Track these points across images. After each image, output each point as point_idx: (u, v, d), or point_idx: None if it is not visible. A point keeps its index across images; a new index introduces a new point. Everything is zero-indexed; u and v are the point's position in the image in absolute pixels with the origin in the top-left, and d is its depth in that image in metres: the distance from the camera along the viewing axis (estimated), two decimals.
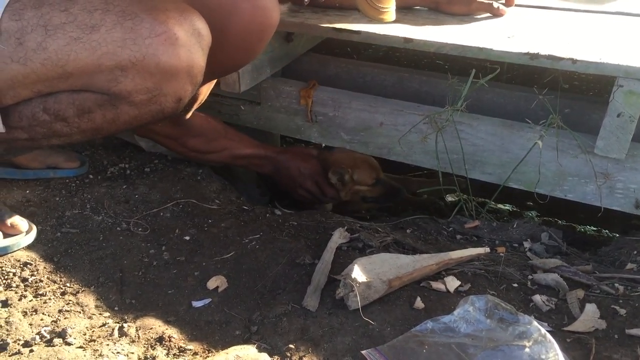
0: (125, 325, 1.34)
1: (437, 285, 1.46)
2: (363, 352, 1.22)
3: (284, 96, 2.19)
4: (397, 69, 2.36)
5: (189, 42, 1.32)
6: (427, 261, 1.51)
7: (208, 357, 1.26)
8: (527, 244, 1.71)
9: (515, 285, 1.48)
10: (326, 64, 2.41)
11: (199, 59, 1.35)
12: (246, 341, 1.30)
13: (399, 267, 1.47)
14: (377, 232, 1.70)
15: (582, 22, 2.10)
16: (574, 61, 1.64)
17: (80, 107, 1.38)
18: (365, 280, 1.38)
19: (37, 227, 1.62)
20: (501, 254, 1.63)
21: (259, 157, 2.13)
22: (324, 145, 2.36)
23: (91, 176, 1.92)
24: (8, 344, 1.27)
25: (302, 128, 2.19)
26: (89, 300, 1.42)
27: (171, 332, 1.33)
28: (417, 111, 1.98)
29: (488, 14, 2.14)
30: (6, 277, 1.46)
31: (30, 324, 1.33)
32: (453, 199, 2.82)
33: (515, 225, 1.82)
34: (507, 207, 2.62)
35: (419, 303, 1.38)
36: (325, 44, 2.51)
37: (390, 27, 1.93)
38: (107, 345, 1.28)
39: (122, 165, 2.00)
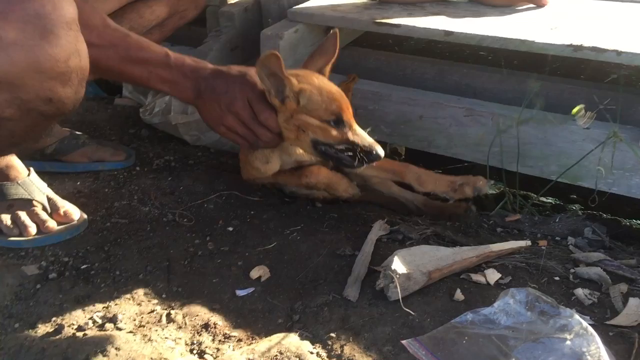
0: (172, 312, 1.39)
1: (477, 277, 1.46)
2: (403, 341, 1.24)
3: None
4: (438, 61, 2.36)
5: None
6: (467, 253, 1.52)
7: (252, 344, 1.29)
8: (570, 239, 1.69)
9: (557, 278, 1.47)
10: (366, 57, 2.42)
11: None
12: (288, 329, 1.33)
13: (439, 259, 1.48)
14: (417, 224, 1.71)
15: (627, 13, 2.05)
16: (618, 53, 1.62)
17: None
18: (406, 272, 1.39)
19: (87, 217, 1.69)
20: (543, 247, 1.62)
21: (167, 67, 1.51)
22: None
23: (138, 168, 1.98)
24: (63, 327, 1.33)
25: None
26: (137, 287, 1.47)
27: (216, 319, 1.37)
28: (458, 104, 1.98)
29: (530, 5, 2.11)
30: (60, 264, 1.53)
31: (83, 310, 1.39)
32: (494, 192, 2.80)
33: (557, 220, 1.80)
34: (550, 200, 2.59)
35: (458, 295, 1.39)
36: (366, 37, 2.52)
37: (430, 19, 1.93)
38: (156, 330, 1.33)
39: (167, 158, 2.06)
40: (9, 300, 1.41)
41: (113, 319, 1.36)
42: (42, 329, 1.34)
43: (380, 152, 1.51)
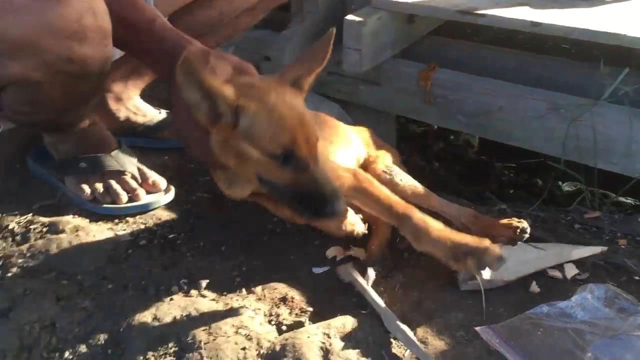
0: (252, 284, 1.46)
1: (553, 272, 1.45)
2: (477, 328, 1.25)
3: (403, 77, 2.22)
4: (519, 53, 2.32)
5: None
6: (549, 260, 1.46)
7: (327, 319, 1.34)
8: None
9: (637, 278, 1.44)
10: (447, 47, 2.42)
11: None
12: (363, 308, 1.37)
13: (523, 263, 1.42)
14: None
15: None
16: None
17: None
18: (487, 278, 1.35)
19: (174, 189, 1.78)
20: (622, 247, 1.59)
21: (148, 33, 1.36)
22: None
23: None
24: (152, 290, 1.43)
25: (420, 109, 2.22)
26: (220, 259, 1.55)
27: (293, 294, 1.43)
28: (539, 96, 1.95)
29: None
30: (150, 232, 1.63)
31: (170, 276, 1.48)
32: (570, 189, 2.74)
33: (639, 219, 1.76)
34: (630, 200, 2.51)
35: (534, 287, 1.39)
36: (446, 26, 2.50)
37: (516, 10, 1.91)
38: (237, 300, 1.41)
39: None
40: (102, 262, 1.52)
41: (197, 286, 1.44)
42: (133, 291, 1.44)
43: (339, 208, 1.20)
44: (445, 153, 3.32)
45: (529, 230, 1.47)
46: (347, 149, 1.68)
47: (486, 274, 1.35)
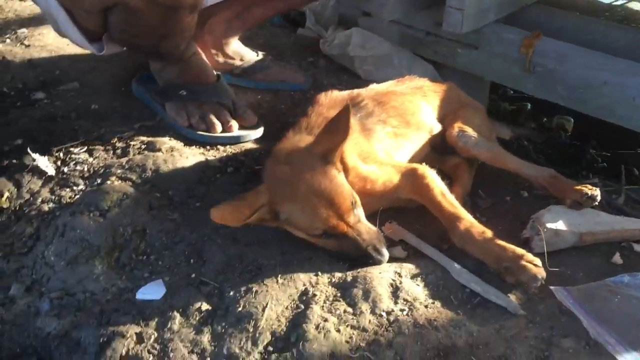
0: None
1: (639, 248, 1.41)
2: (552, 287, 1.24)
3: (504, 43, 2.16)
4: (631, 29, 2.20)
5: None
6: (630, 225, 1.46)
7: (400, 264, 1.36)
8: None
9: None
10: (553, 17, 2.32)
11: None
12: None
13: (596, 224, 1.43)
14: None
15: None
16: None
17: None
18: (554, 228, 1.37)
19: (264, 127, 1.84)
20: None
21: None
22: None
23: (312, 92, 2.10)
24: None
25: (517, 77, 2.16)
26: None
27: None
28: None
29: None
30: (237, 162, 1.70)
31: None
32: None
33: None
34: None
35: (617, 258, 1.35)
36: None
37: None
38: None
39: (340, 87, 2.15)
40: (192, 182, 1.60)
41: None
42: None
43: (381, 257, 1.32)
44: (534, 130, 3.22)
45: (598, 198, 1.43)
46: (416, 135, 1.67)
47: (551, 223, 1.36)
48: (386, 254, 1.33)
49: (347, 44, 2.26)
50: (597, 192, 1.43)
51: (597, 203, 1.43)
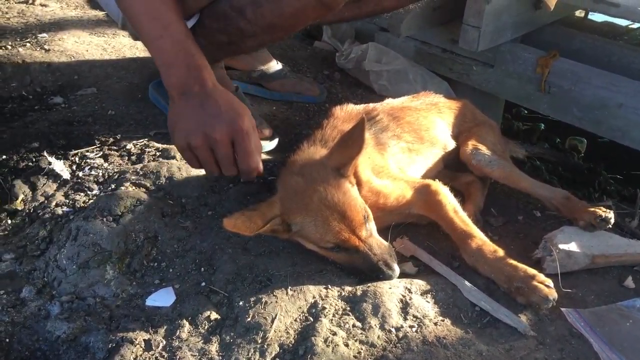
0: None
1: None
2: (563, 309, 1.23)
3: (520, 62, 2.17)
4: None
5: None
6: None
7: (411, 280, 1.36)
8: None
9: None
10: (571, 38, 2.33)
11: None
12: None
13: (609, 246, 1.42)
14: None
15: None
16: None
17: (253, 1, 1.49)
18: (567, 249, 1.37)
19: (278, 138, 1.85)
20: None
21: (178, 42, 1.40)
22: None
23: (327, 105, 2.11)
24: None
25: (531, 97, 2.16)
26: None
27: None
28: None
29: None
30: None
31: None
32: None
33: None
34: None
35: (629, 282, 1.34)
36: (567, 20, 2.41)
37: None
38: None
39: (354, 101, 2.17)
40: (205, 191, 1.61)
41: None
42: None
43: (392, 273, 1.31)
44: (548, 150, 3.21)
45: (612, 221, 1.43)
46: (429, 151, 1.67)
47: (564, 244, 1.36)
48: (397, 269, 1.33)
49: (362, 58, 2.27)
50: (610, 215, 1.42)
51: (610, 225, 1.43)
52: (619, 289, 1.33)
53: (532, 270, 1.28)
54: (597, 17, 2.79)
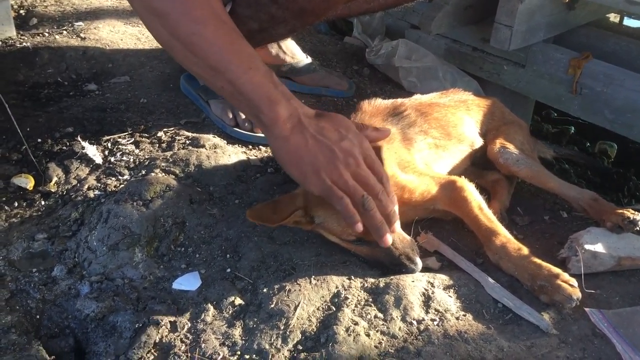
0: None
1: None
2: (587, 309, 1.23)
3: (552, 62, 2.15)
4: None
5: None
6: None
7: (434, 275, 1.37)
8: None
9: None
10: (605, 39, 2.30)
11: None
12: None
13: (636, 249, 1.40)
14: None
15: None
16: None
17: None
18: (593, 250, 1.36)
19: None
20: None
21: (270, 79, 1.24)
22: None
23: (355, 100, 2.13)
24: None
25: (562, 98, 2.14)
26: None
27: None
28: None
29: None
30: (277, 163, 1.72)
31: None
32: None
33: None
34: None
35: None
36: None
37: None
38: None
39: (382, 97, 2.17)
40: (233, 179, 1.64)
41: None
42: None
43: (413, 269, 1.32)
44: (577, 152, 3.17)
45: None
46: (456, 148, 1.67)
47: (590, 245, 1.36)
48: (419, 263, 1.34)
49: (392, 54, 2.27)
50: (639, 217, 1.41)
51: (638, 228, 1.41)
52: None
53: (556, 269, 1.28)
54: (632, 22, 2.76)
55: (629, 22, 2.76)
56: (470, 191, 1.45)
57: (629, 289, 1.32)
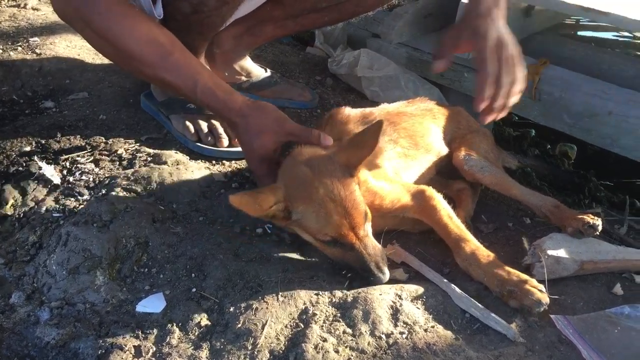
0: None
1: None
2: (552, 316, 1.24)
3: None
4: None
5: None
6: (631, 255, 1.45)
7: (401, 287, 1.36)
8: None
9: None
10: (561, 45, 2.35)
11: None
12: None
13: (597, 252, 1.43)
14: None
15: None
16: None
17: None
18: (555, 255, 1.38)
19: None
20: None
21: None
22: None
23: (319, 111, 2.12)
24: (237, 227, 1.51)
25: (522, 104, 2.17)
26: None
27: None
28: None
29: None
30: (242, 177, 1.71)
31: (255, 220, 1.53)
32: None
33: None
34: None
35: (617, 289, 1.35)
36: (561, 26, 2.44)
37: None
38: (315, 251, 1.45)
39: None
40: (196, 196, 1.61)
41: (279, 234, 1.51)
42: (220, 226, 1.52)
43: (381, 279, 1.33)
44: (540, 161, 3.23)
45: (600, 228, 1.43)
46: (424, 157, 1.68)
47: (552, 250, 1.37)
48: (387, 273, 1.34)
49: (355, 64, 2.28)
50: (598, 222, 1.43)
51: (598, 233, 1.44)
52: (607, 296, 1.34)
53: (524, 275, 1.30)
54: (586, 33, 2.84)
55: (583, 34, 2.84)
56: (439, 200, 1.46)
57: (592, 293, 1.34)
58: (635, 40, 2.95)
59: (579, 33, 2.78)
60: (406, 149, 1.64)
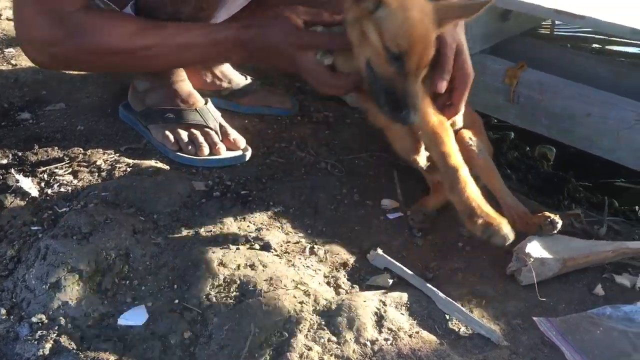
0: (315, 246, 1.50)
1: (621, 280, 1.42)
2: (535, 318, 1.25)
3: (489, 73, 2.20)
4: (617, 63, 2.25)
5: None
6: (604, 247, 1.47)
7: (385, 292, 1.36)
8: None
9: None
10: (539, 49, 2.37)
11: None
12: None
13: (573, 249, 1.44)
14: None
15: None
16: None
17: None
18: (540, 257, 1.39)
19: (251, 150, 1.84)
20: None
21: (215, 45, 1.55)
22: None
23: (299, 118, 2.12)
24: (220, 238, 1.50)
25: (501, 107, 2.19)
26: (287, 219, 1.60)
27: (354, 261, 1.47)
28: (631, 107, 1.88)
29: None
30: (224, 186, 1.69)
31: (239, 228, 1.55)
32: None
33: None
34: None
35: (599, 289, 1.36)
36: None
37: (622, 16, 1.85)
38: (299, 259, 1.45)
39: (326, 114, 2.17)
40: (177, 206, 1.60)
41: (263, 242, 1.50)
42: (203, 235, 1.50)
43: (411, 118, 1.33)
44: (519, 163, 3.26)
45: (559, 225, 1.44)
46: None
47: (536, 253, 1.38)
48: (415, 119, 1.34)
49: None
50: (557, 219, 1.44)
51: (556, 230, 1.44)
52: (589, 296, 1.35)
53: (500, 216, 1.34)
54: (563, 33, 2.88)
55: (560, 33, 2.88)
56: (450, 131, 1.48)
57: (574, 295, 1.35)
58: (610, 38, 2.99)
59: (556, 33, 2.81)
60: None
